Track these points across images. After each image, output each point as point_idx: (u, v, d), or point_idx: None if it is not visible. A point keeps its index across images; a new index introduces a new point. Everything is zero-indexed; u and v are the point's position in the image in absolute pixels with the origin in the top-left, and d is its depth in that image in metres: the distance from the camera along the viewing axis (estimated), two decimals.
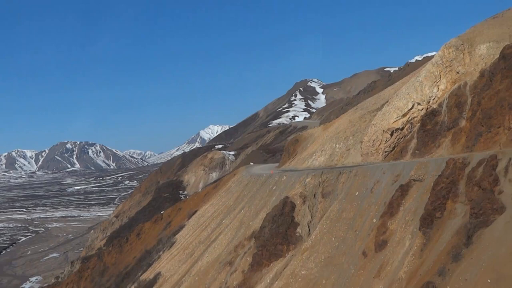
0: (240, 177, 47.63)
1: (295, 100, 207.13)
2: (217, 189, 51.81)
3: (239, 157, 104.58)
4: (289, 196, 29.21)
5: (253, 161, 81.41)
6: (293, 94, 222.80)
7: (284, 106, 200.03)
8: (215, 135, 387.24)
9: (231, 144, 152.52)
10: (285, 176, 34.83)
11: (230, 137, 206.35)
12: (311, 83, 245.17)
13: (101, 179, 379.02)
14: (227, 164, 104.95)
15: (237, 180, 47.56)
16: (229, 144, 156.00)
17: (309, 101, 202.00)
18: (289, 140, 57.30)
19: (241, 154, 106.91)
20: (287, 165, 46.63)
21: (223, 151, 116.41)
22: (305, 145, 48.13)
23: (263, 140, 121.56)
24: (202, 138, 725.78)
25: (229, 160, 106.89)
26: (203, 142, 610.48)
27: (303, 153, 45.45)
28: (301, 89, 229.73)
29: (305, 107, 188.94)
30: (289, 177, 33.93)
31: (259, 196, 36.31)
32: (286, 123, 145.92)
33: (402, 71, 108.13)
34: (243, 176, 47.23)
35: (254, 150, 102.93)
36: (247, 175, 46.24)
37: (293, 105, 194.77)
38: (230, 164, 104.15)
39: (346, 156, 34.89)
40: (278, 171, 41.30)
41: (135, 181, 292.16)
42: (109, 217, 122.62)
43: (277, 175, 37.01)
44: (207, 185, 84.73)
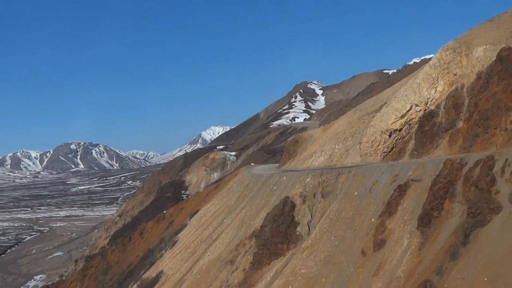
0: (241, 177, 47.63)
1: (295, 101, 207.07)
2: (219, 189, 51.81)
3: (240, 157, 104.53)
4: (289, 196, 29.21)
5: (254, 162, 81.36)
6: (293, 95, 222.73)
7: (284, 107, 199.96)
8: (216, 136, 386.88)
9: (232, 144, 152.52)
10: (285, 176, 34.83)
11: (231, 138, 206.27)
12: (311, 85, 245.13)
13: (104, 179, 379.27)
14: (228, 164, 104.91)
15: (238, 180, 47.56)
16: (230, 144, 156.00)
17: (309, 103, 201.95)
18: (289, 141, 57.27)
19: (242, 154, 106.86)
20: (287, 166, 46.60)
21: (225, 152, 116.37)
22: (305, 146, 48.10)
23: (263, 141, 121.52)
24: (203, 139, 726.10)
25: (230, 160, 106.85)
26: (204, 143, 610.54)
27: (303, 154, 45.43)
28: (301, 90, 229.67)
29: (305, 109, 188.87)
30: (289, 177, 33.92)
31: (259, 196, 36.30)
32: (286, 124, 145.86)
33: (400, 73, 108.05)
34: (244, 176, 47.23)
35: (255, 150, 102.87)
36: (248, 175, 46.24)
37: (293, 107, 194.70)
38: (231, 164, 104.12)
39: (345, 156, 34.87)
40: (278, 172, 41.28)
41: (138, 181, 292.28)
42: (112, 217, 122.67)
43: (278, 175, 37.00)
44: (208, 185, 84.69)
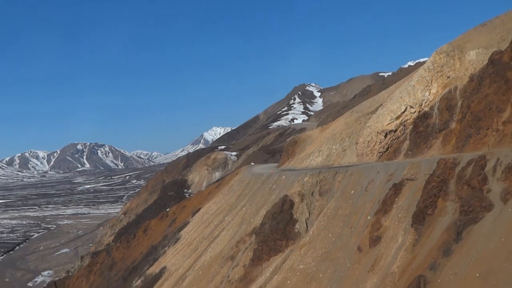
0: (241, 177, 47.61)
1: (294, 103, 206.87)
2: (220, 188, 51.76)
3: (241, 157, 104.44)
4: (288, 194, 29.22)
5: (254, 161, 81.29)
6: (292, 97, 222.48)
7: (283, 109, 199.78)
8: (218, 137, 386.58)
9: (233, 145, 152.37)
10: (284, 175, 34.82)
11: (232, 139, 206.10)
12: (309, 87, 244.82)
13: (109, 178, 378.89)
14: (229, 164, 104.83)
15: (238, 179, 47.53)
16: (231, 145, 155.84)
17: (307, 105, 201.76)
18: (288, 141, 57.19)
19: (242, 154, 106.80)
20: (286, 165, 46.57)
21: (226, 152, 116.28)
22: (303, 146, 48.07)
23: (263, 141, 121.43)
24: (205, 139, 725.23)
25: (231, 160, 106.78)
26: (206, 143, 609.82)
27: (301, 154, 45.40)
28: (299, 93, 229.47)
29: (304, 110, 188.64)
30: (288, 176, 33.91)
31: (259, 194, 36.30)
32: (285, 125, 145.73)
33: (395, 76, 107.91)
34: (244, 175, 47.22)
35: (255, 151, 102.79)
36: (248, 174, 46.24)
37: (292, 108, 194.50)
38: (232, 164, 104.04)
39: (342, 156, 34.87)
40: (277, 171, 41.25)
41: (142, 180, 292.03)
42: (117, 215, 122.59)
43: (277, 174, 36.99)
44: (210, 184, 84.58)
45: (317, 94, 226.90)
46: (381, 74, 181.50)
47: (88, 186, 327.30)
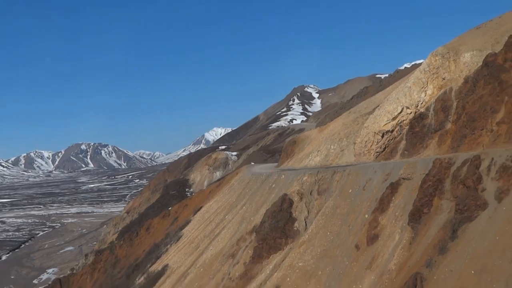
0: (242, 176, 47.60)
1: (293, 104, 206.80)
2: (221, 187, 51.75)
3: (241, 157, 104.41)
4: (287, 193, 29.21)
5: (254, 161, 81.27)
6: (291, 98, 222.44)
7: (282, 110, 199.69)
8: (219, 137, 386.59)
9: (234, 145, 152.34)
10: (284, 175, 34.81)
11: (232, 139, 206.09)
12: (308, 88, 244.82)
13: (113, 177, 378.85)
14: (230, 163, 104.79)
15: (239, 178, 47.52)
16: (232, 145, 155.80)
17: (306, 105, 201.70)
18: (287, 141, 57.17)
19: (243, 154, 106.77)
20: (286, 165, 46.56)
21: (226, 152, 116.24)
22: (302, 146, 48.07)
23: (263, 141, 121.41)
24: (206, 139, 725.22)
25: (231, 160, 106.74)
26: (207, 143, 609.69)
27: (300, 154, 45.39)
28: (298, 94, 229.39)
29: (302, 111, 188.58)
30: (287, 176, 33.90)
31: (259, 193, 36.28)
32: (284, 126, 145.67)
33: (392, 78, 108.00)
34: (244, 175, 47.21)
35: (255, 150, 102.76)
36: (248, 174, 46.22)
37: (291, 109, 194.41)
38: (232, 164, 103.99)
39: (340, 156, 34.87)
40: (277, 170, 41.25)
41: (144, 180, 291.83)
42: (120, 213, 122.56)
43: (276, 174, 36.98)
44: (211, 183, 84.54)
45: (316, 95, 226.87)
46: (378, 75, 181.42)
47: (92, 185, 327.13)
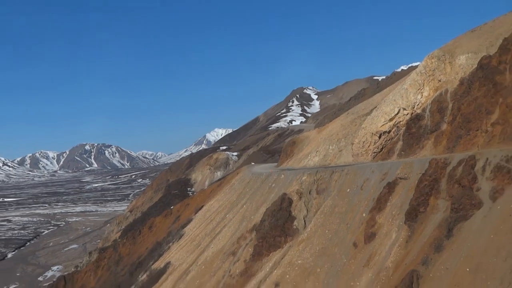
0: (242, 176, 47.57)
1: (292, 105, 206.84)
2: (222, 187, 51.72)
3: (242, 157, 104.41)
4: (286, 192, 29.19)
5: (254, 161, 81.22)
6: (291, 100, 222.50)
7: (282, 111, 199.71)
8: (219, 138, 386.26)
9: (234, 145, 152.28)
10: (283, 174, 34.79)
11: (233, 139, 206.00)
12: (306, 90, 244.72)
13: (116, 177, 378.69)
14: (231, 164, 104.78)
15: (239, 178, 47.50)
16: (233, 145, 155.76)
17: (305, 107, 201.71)
18: (287, 142, 57.15)
19: (243, 154, 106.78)
20: (285, 165, 46.54)
21: (227, 152, 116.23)
22: (301, 146, 48.05)
23: (263, 142, 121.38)
24: (208, 140, 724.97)
25: (232, 160, 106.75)
26: (209, 144, 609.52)
27: (299, 154, 45.38)
28: (297, 95, 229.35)
29: (301, 112, 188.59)
30: (286, 175, 33.88)
31: (259, 192, 36.26)
32: (284, 127, 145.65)
33: (389, 79, 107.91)
34: (245, 174, 47.18)
35: (255, 151, 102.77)
36: (248, 173, 46.19)
37: (291, 110, 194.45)
38: (233, 164, 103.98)
39: (338, 156, 34.85)
40: (276, 170, 41.23)
41: (147, 179, 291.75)
42: (123, 212, 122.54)
43: (276, 174, 36.96)
44: (212, 183, 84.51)
45: (314, 96, 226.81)
46: (375, 77, 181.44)
47: (95, 185, 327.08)
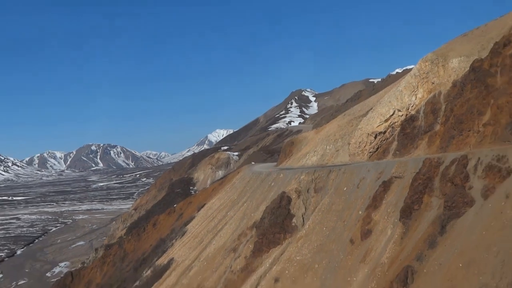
0: (243, 175, 47.58)
1: (291, 107, 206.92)
2: (223, 185, 51.73)
3: (242, 157, 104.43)
4: (285, 191, 29.21)
5: (254, 161, 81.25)
6: (289, 102, 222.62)
7: (281, 112, 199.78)
8: (221, 138, 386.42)
9: (235, 145, 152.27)
10: (282, 173, 34.80)
11: (234, 140, 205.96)
12: (305, 92, 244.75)
13: (121, 176, 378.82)
14: (232, 163, 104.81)
15: (240, 177, 47.51)
16: (233, 145, 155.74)
17: (303, 108, 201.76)
18: (286, 142, 57.15)
19: (243, 154, 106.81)
20: (284, 164, 46.54)
21: (228, 152, 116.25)
22: (300, 146, 48.06)
23: (263, 142, 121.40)
24: (209, 140, 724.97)
25: (233, 160, 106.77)
26: (210, 144, 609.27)
27: (298, 154, 45.38)
28: (296, 97, 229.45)
29: (300, 114, 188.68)
30: (285, 174, 33.89)
31: (259, 191, 36.27)
32: (283, 128, 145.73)
33: (384, 82, 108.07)
34: (245, 173, 47.18)
35: (255, 151, 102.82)
36: (249, 173, 46.19)
37: (289, 112, 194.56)
38: (234, 163, 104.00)
39: (335, 156, 34.87)
40: (276, 170, 41.23)
41: (151, 178, 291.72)
42: (128, 210, 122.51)
43: (275, 173, 36.96)
44: (214, 181, 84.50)
45: (312, 98, 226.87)
46: (371, 80, 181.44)
47: (101, 184, 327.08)
